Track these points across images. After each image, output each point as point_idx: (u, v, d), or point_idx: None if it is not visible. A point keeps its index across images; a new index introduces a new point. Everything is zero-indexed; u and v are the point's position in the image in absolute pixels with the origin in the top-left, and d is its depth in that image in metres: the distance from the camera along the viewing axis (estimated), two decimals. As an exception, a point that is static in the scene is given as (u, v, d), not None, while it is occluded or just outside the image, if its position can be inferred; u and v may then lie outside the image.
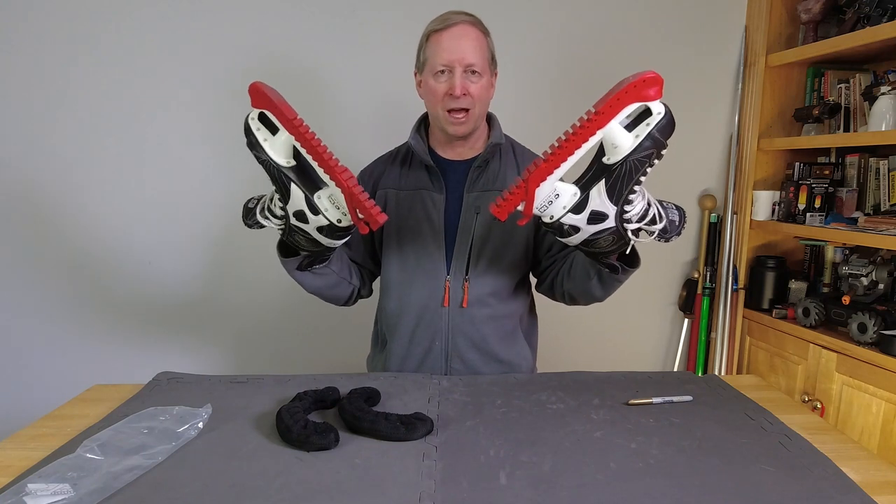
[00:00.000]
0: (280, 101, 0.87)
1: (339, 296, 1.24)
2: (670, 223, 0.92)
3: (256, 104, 0.89)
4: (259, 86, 0.88)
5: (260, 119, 0.91)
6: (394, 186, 1.22)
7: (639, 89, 0.77)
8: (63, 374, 1.95)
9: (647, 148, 0.80)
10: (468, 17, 1.13)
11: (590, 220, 0.86)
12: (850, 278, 1.76)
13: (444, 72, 1.11)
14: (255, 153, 0.92)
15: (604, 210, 0.85)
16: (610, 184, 0.83)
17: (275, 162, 0.91)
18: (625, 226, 0.87)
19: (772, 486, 0.74)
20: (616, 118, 0.79)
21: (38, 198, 1.87)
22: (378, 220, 0.90)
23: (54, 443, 0.85)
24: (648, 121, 0.79)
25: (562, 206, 0.85)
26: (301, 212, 0.93)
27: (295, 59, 1.88)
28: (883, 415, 1.56)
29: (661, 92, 0.78)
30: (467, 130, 1.15)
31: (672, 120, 0.80)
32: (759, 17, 1.98)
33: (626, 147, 0.80)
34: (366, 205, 0.89)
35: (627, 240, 0.90)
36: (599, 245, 0.91)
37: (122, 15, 1.80)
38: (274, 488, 0.73)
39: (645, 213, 0.88)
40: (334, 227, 0.94)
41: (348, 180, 0.87)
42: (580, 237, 0.89)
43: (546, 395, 1.02)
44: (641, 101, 0.78)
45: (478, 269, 1.18)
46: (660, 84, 0.78)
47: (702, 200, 2.10)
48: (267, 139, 0.91)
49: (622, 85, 0.78)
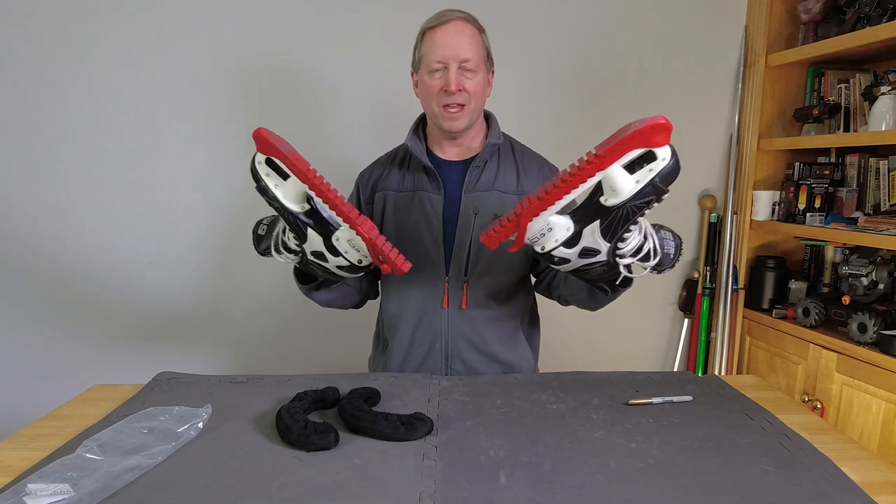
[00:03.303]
0: (290, 151, 0.84)
1: (350, 304, 1.25)
2: (665, 256, 0.90)
3: (263, 151, 0.87)
4: (264, 133, 0.84)
5: (268, 163, 0.87)
6: (392, 188, 1.22)
7: (646, 136, 0.74)
8: (63, 374, 1.95)
9: (647, 194, 0.77)
10: (462, 14, 1.13)
11: (581, 254, 0.84)
12: (850, 278, 1.75)
13: (439, 69, 1.11)
14: (265, 197, 0.89)
15: (596, 247, 0.83)
16: (605, 225, 0.81)
17: (289, 209, 0.88)
18: (617, 260, 0.85)
19: (772, 486, 0.74)
20: (618, 162, 0.76)
21: (38, 198, 1.87)
22: (402, 270, 0.88)
23: (54, 443, 0.85)
24: (652, 167, 0.76)
25: (554, 239, 0.84)
26: (320, 252, 0.91)
27: (293, 60, 1.88)
28: (883, 415, 1.56)
29: (668, 138, 0.75)
30: (463, 125, 1.15)
31: (677, 166, 0.76)
32: (759, 17, 1.98)
33: (625, 192, 0.77)
34: (390, 255, 0.87)
35: (619, 272, 0.88)
36: (590, 275, 0.89)
37: (120, 16, 1.79)
38: (274, 488, 0.73)
39: (639, 249, 0.86)
40: (356, 267, 0.93)
41: (370, 231, 0.85)
42: (570, 266, 0.87)
43: (546, 395, 1.02)
44: (647, 147, 0.75)
45: (477, 270, 1.18)
46: (669, 131, 0.74)
47: (702, 200, 2.10)
48: (278, 185, 0.87)
49: (629, 130, 0.74)
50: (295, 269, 1.07)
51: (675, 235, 0.93)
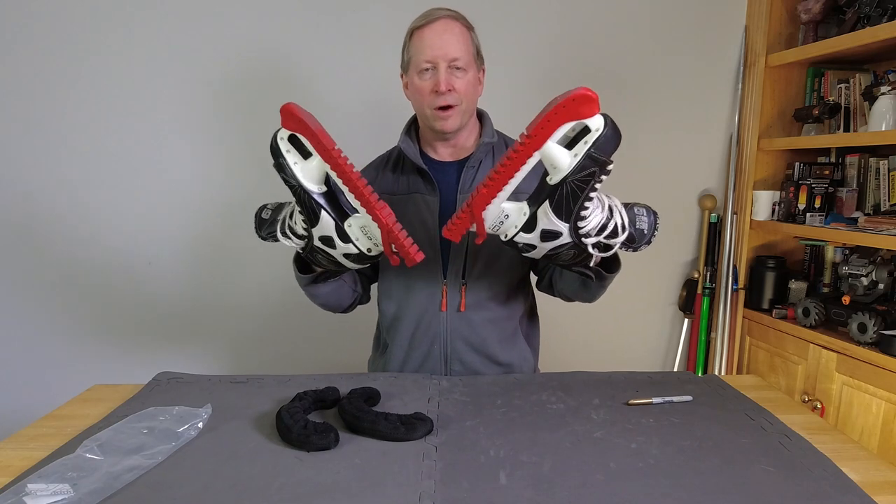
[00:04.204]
0: (318, 128, 0.83)
1: (343, 304, 1.24)
2: (637, 232, 0.89)
3: (288, 126, 0.85)
4: (293, 108, 0.83)
5: (290, 140, 0.86)
6: (387, 191, 1.20)
7: (569, 109, 0.74)
8: (63, 374, 1.95)
9: (587, 167, 0.77)
10: (450, 13, 1.11)
11: (543, 237, 0.84)
12: (850, 278, 1.75)
13: (429, 69, 1.10)
14: (282, 175, 0.87)
15: (555, 228, 0.83)
16: (555, 203, 0.81)
17: (306, 187, 0.87)
18: (583, 240, 0.85)
19: (772, 486, 0.74)
20: (552, 138, 0.76)
21: (38, 198, 1.87)
22: (415, 260, 0.87)
23: (54, 443, 0.85)
24: (586, 139, 0.76)
25: (513, 225, 0.84)
26: (329, 238, 0.90)
27: (289, 61, 1.88)
28: (883, 415, 1.56)
29: (596, 108, 0.74)
30: (455, 126, 1.13)
31: (614, 134, 0.76)
32: (759, 17, 1.98)
33: (564, 167, 0.77)
34: (405, 244, 0.86)
35: (589, 253, 0.87)
36: (562, 259, 0.89)
37: (120, 16, 1.80)
38: (274, 488, 0.73)
39: (604, 227, 0.85)
40: (364, 256, 0.92)
41: (388, 217, 0.85)
42: (539, 253, 0.87)
43: (546, 395, 1.02)
44: (576, 120, 0.75)
45: (474, 272, 1.17)
46: (593, 101, 0.73)
47: (702, 200, 2.10)
48: (298, 163, 0.86)
49: (552, 105, 0.75)
50: (295, 259, 1.06)
51: (651, 211, 0.92)
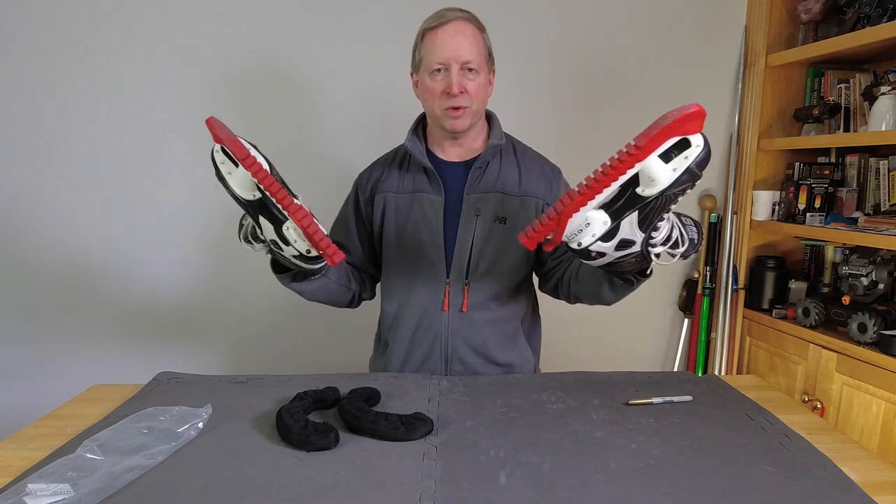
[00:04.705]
0: (230, 137, 0.85)
1: (338, 301, 1.24)
2: (690, 242, 0.91)
3: (215, 139, 0.88)
4: (211, 121, 0.87)
5: (224, 152, 0.89)
6: (392, 190, 1.20)
7: (682, 124, 0.75)
8: (63, 374, 1.95)
9: (683, 182, 0.78)
10: (463, 14, 1.11)
11: (618, 247, 0.85)
12: (850, 278, 1.75)
13: (441, 70, 1.10)
14: (223, 185, 0.91)
15: (633, 238, 0.84)
16: (643, 215, 0.82)
17: (241, 196, 0.90)
18: (649, 249, 0.87)
19: (772, 486, 0.74)
20: (655, 152, 0.78)
21: (38, 198, 1.87)
22: (335, 261, 0.88)
23: (54, 443, 0.85)
24: (687, 153, 0.77)
25: (591, 234, 0.84)
26: (275, 241, 0.92)
27: (290, 61, 1.87)
28: (883, 415, 1.56)
29: (702, 125, 0.77)
30: (465, 125, 1.14)
31: (709, 151, 0.78)
32: (759, 17, 1.98)
33: (664, 181, 0.78)
34: (320, 244, 0.87)
35: (650, 261, 0.89)
36: (622, 267, 0.90)
37: (120, 17, 1.79)
38: (274, 488, 0.73)
39: (669, 237, 0.88)
40: (305, 257, 0.93)
41: (302, 220, 0.85)
42: (605, 260, 0.88)
43: (546, 395, 1.02)
44: (683, 135, 0.77)
45: (478, 272, 1.17)
46: (703, 118, 0.75)
47: (702, 200, 2.10)
48: (231, 173, 0.89)
49: (667, 120, 0.76)
50: (272, 259, 1.06)
51: (695, 221, 0.95)
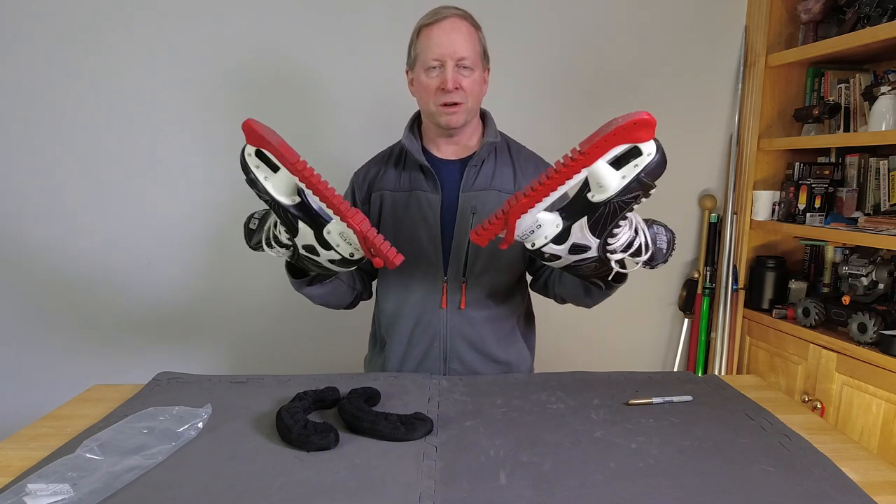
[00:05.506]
0: (279, 142, 0.84)
1: (343, 302, 1.24)
2: (657, 251, 0.90)
3: (252, 142, 0.86)
4: (253, 124, 0.84)
5: (258, 155, 0.87)
6: (389, 188, 1.21)
7: (629, 131, 0.75)
8: (63, 374, 1.95)
9: (633, 190, 0.78)
10: (458, 11, 1.12)
11: (571, 250, 0.85)
12: (850, 278, 1.75)
13: (436, 67, 1.10)
14: (255, 190, 0.88)
15: (586, 243, 0.84)
16: (593, 221, 0.82)
17: (279, 201, 0.87)
18: (608, 255, 0.86)
19: (772, 486, 0.74)
20: (603, 157, 0.77)
21: (37, 198, 1.86)
22: (395, 263, 0.87)
23: (54, 443, 0.85)
24: (637, 162, 0.76)
25: (543, 236, 0.84)
26: (311, 246, 0.91)
27: (290, 61, 1.87)
28: (883, 415, 1.56)
29: (652, 133, 0.76)
30: (460, 121, 1.14)
31: (663, 160, 0.77)
32: (759, 17, 1.98)
33: (612, 188, 0.78)
34: (381, 248, 0.86)
35: (610, 268, 0.89)
36: (582, 271, 0.90)
37: (120, 17, 1.79)
38: (274, 488, 0.73)
39: (630, 244, 0.86)
40: (347, 261, 0.92)
41: (361, 223, 0.84)
42: (562, 263, 0.88)
43: (546, 395, 1.02)
44: (631, 143, 0.76)
45: (475, 270, 1.18)
46: (652, 126, 0.74)
47: (702, 200, 2.10)
48: (268, 177, 0.86)
49: (612, 126, 0.75)
50: (287, 263, 1.06)
51: (668, 230, 0.93)
